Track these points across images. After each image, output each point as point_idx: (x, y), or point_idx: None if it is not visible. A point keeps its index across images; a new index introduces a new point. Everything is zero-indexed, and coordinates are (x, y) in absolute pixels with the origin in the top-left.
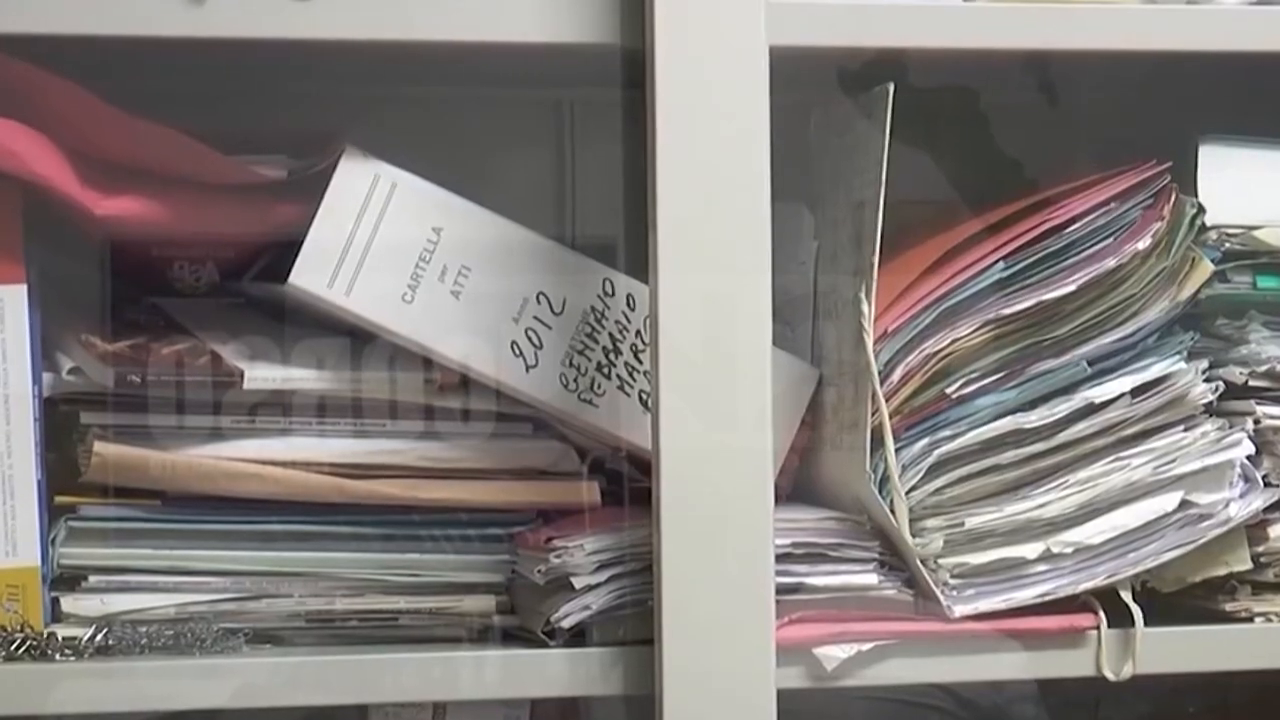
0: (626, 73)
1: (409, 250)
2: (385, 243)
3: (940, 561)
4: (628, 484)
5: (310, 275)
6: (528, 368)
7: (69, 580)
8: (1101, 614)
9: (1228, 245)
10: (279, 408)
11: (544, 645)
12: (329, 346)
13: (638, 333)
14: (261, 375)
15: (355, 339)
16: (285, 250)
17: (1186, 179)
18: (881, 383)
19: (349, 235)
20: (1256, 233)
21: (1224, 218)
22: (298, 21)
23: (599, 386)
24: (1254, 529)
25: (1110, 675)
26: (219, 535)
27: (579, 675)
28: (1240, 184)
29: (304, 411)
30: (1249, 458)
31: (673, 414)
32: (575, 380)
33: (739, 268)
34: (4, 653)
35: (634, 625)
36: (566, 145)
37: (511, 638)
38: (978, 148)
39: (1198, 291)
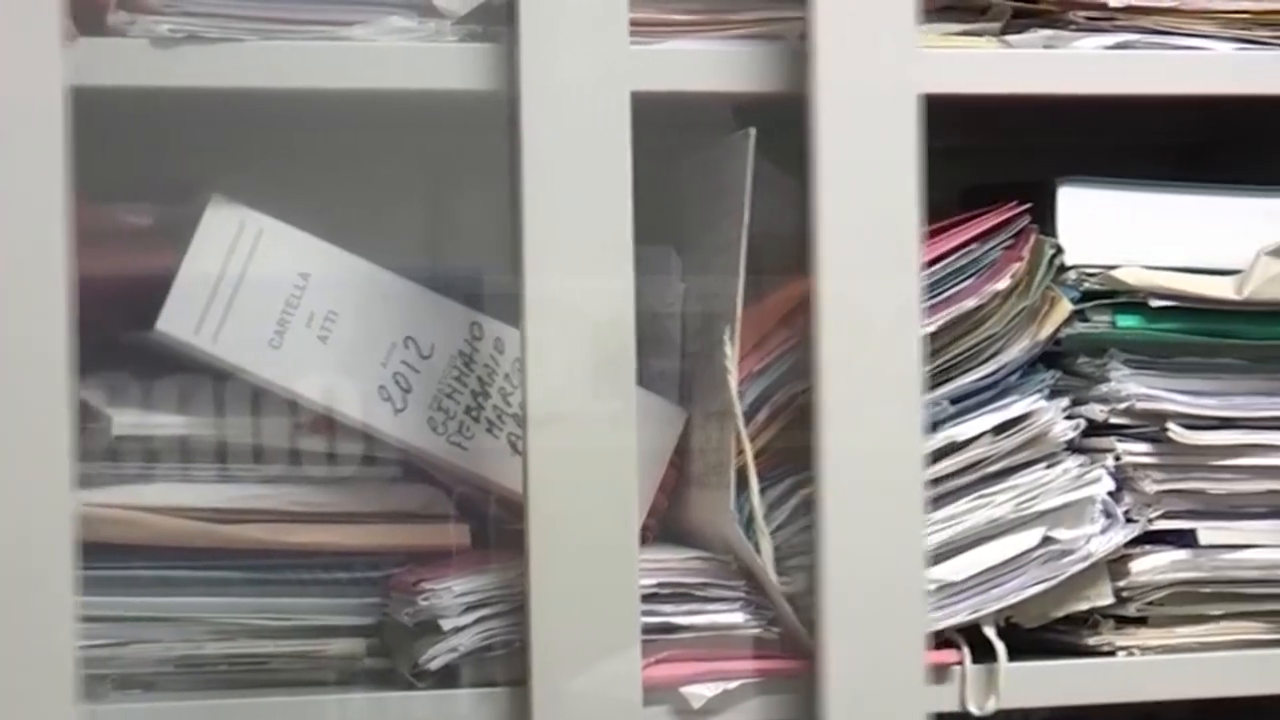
0: (495, 119)
1: (276, 296)
2: (252, 288)
3: (806, 600)
4: (497, 527)
5: (177, 321)
6: (396, 411)
7: None
8: (965, 649)
9: (1087, 285)
10: (145, 452)
11: (412, 687)
12: (197, 391)
13: (506, 376)
14: (130, 421)
15: (223, 382)
16: (152, 297)
17: (1046, 220)
18: (747, 423)
19: (216, 281)
20: (1115, 272)
21: (1083, 258)
22: (165, 70)
23: (468, 430)
24: (1115, 564)
25: (974, 710)
26: (86, 581)
27: (448, 717)
28: (1098, 224)
29: (171, 456)
30: (1110, 494)
31: (542, 456)
32: (444, 423)
33: (605, 311)
34: None
35: (504, 666)
36: (436, 191)
37: (383, 680)
38: None
39: (1058, 330)
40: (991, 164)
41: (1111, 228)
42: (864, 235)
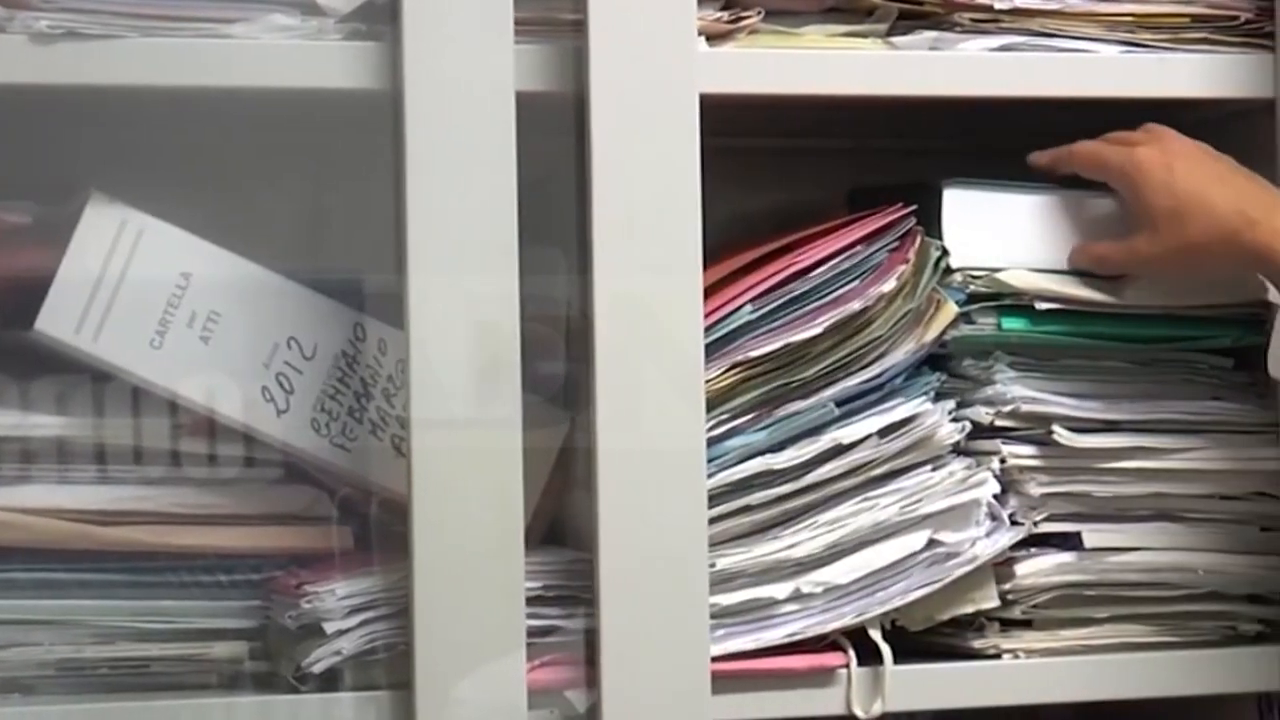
0: (378, 118)
1: (157, 296)
2: (133, 288)
3: None
4: (381, 529)
5: (57, 321)
6: (279, 412)
7: None
8: (851, 652)
9: (972, 287)
10: (22, 454)
11: (296, 691)
12: (76, 392)
13: (389, 377)
14: (7, 422)
15: (103, 383)
16: (31, 296)
17: (931, 222)
18: None
19: (96, 281)
20: (1000, 275)
21: (968, 260)
22: (43, 67)
23: (351, 431)
24: (1001, 567)
25: (860, 713)
26: None
27: None
28: (984, 227)
29: (49, 457)
30: (995, 496)
31: (426, 458)
32: (327, 425)
33: (490, 312)
34: None
35: (388, 670)
36: (319, 190)
37: (266, 684)
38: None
39: (943, 333)
40: (879, 165)
41: (996, 230)
42: (643, 235)
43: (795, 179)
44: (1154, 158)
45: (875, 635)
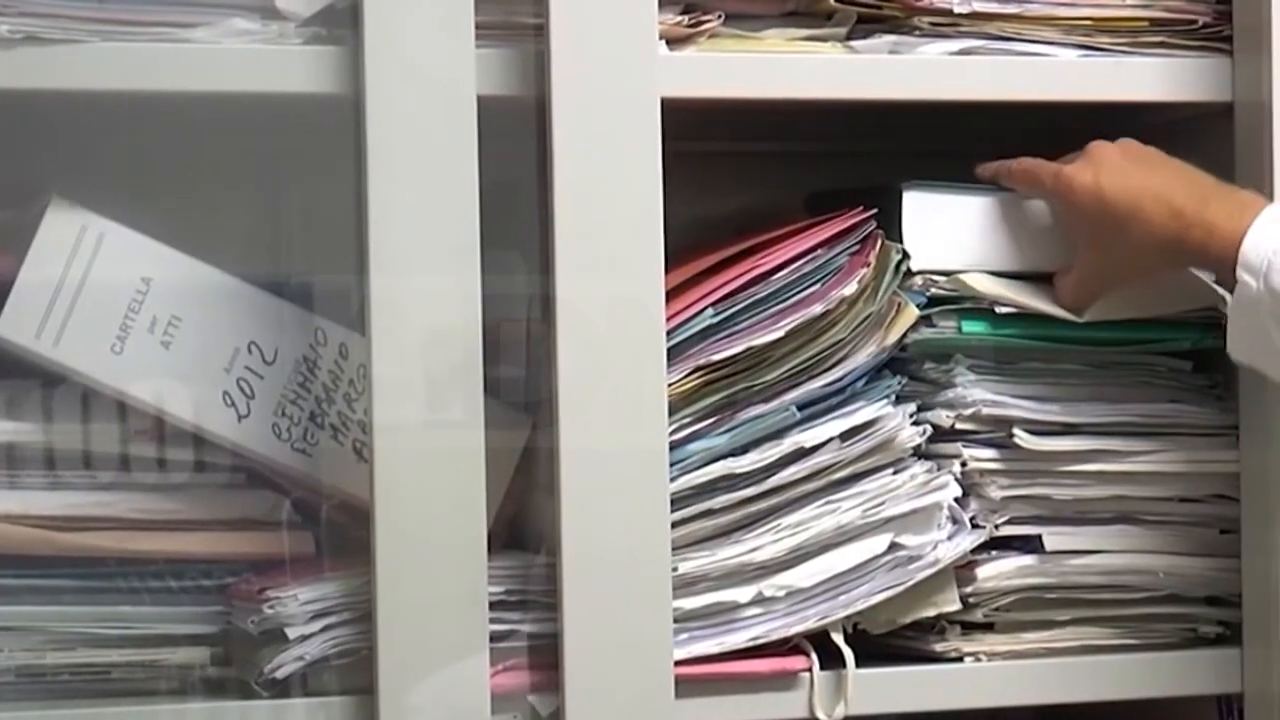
0: (341, 122)
1: (118, 300)
2: (94, 293)
3: None
4: (343, 533)
5: (17, 326)
6: (240, 417)
7: None
8: (813, 656)
9: (933, 290)
10: None
11: (259, 696)
12: (33, 396)
13: (350, 382)
14: None
15: (63, 388)
16: None
17: (891, 225)
18: None
19: (56, 285)
20: (962, 277)
21: (929, 263)
22: (2, 71)
23: (312, 436)
24: (962, 570)
25: (823, 717)
26: None
27: None
28: (943, 229)
29: (11, 463)
30: (957, 500)
31: (388, 462)
32: (288, 430)
33: (452, 316)
34: None
35: (351, 675)
36: (280, 195)
37: (227, 689)
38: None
39: (904, 336)
40: (838, 169)
41: (956, 232)
42: (605, 238)
43: (755, 183)
44: (1081, 174)
45: (838, 638)
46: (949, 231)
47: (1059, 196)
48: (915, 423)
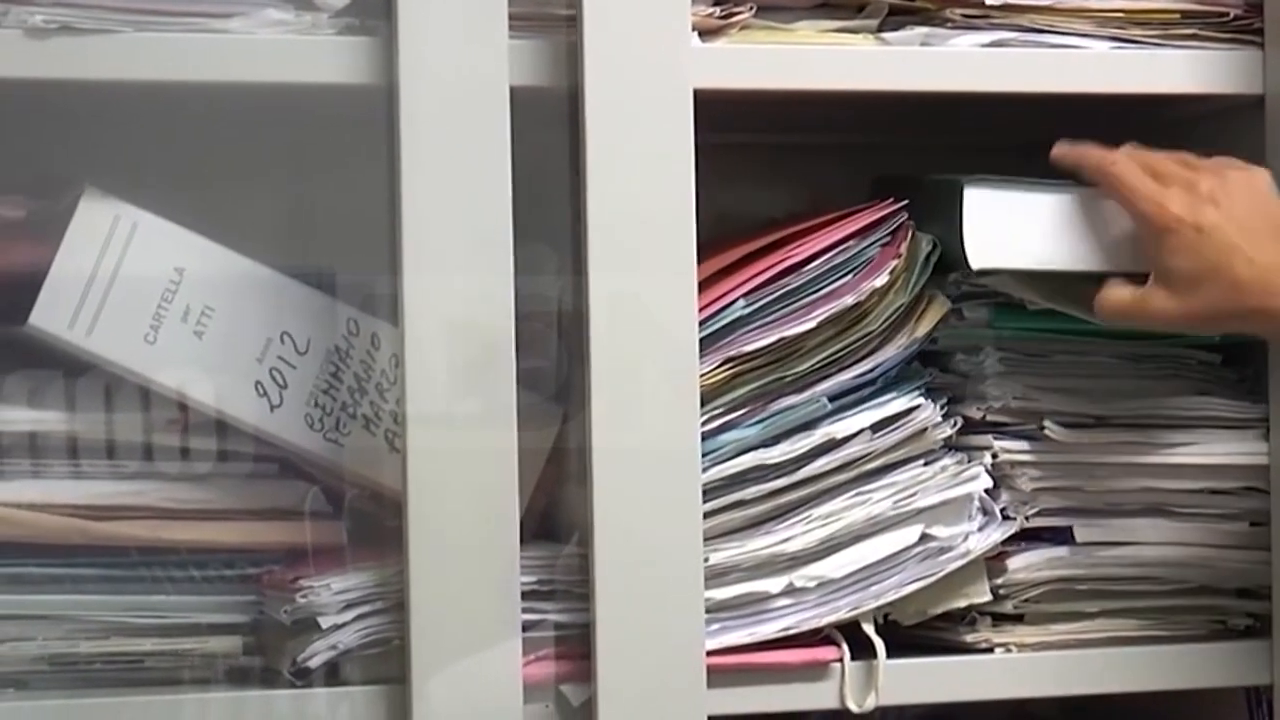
0: (374, 113)
1: (151, 290)
2: (127, 283)
3: None
4: (375, 524)
5: (50, 316)
6: (272, 407)
7: None
8: (844, 646)
9: (965, 287)
10: (18, 449)
11: (292, 686)
12: (65, 386)
13: (383, 372)
14: (9, 417)
15: (100, 378)
16: (25, 291)
17: (921, 216)
18: None
19: (90, 276)
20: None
21: (988, 262)
22: (38, 61)
23: (344, 426)
24: (993, 561)
25: (854, 707)
26: None
27: (326, 715)
28: (1006, 227)
29: (45, 453)
30: (987, 491)
31: (420, 453)
32: (320, 420)
33: (484, 308)
34: None
35: (383, 664)
36: (313, 185)
37: (260, 678)
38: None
39: (935, 328)
40: (866, 160)
41: (1017, 230)
42: (637, 230)
43: (786, 175)
44: (1184, 216)
45: (868, 629)
46: (1011, 229)
47: (1151, 228)
48: (946, 415)
